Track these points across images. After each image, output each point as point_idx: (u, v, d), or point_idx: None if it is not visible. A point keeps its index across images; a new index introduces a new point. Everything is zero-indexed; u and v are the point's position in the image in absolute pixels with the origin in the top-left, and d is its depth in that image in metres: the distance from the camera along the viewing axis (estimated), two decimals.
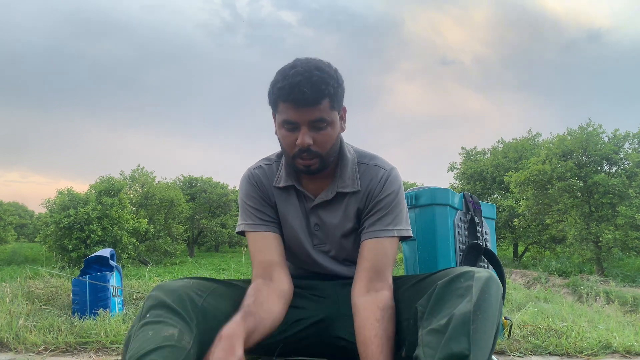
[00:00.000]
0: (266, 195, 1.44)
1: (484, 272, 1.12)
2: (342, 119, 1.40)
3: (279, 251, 1.40)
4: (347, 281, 1.41)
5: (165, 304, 1.10)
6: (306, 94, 1.24)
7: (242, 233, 1.45)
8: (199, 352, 1.07)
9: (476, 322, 1.01)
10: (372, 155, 1.48)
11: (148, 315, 1.08)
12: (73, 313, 2.15)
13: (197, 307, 1.14)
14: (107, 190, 24.18)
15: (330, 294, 1.44)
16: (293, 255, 1.47)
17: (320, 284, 1.46)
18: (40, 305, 2.27)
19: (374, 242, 1.36)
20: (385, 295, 1.28)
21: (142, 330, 1.04)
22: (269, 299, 1.27)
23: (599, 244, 18.08)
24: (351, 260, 1.46)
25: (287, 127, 1.30)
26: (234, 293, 1.29)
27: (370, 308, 1.24)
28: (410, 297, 1.25)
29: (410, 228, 1.45)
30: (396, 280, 1.38)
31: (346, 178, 1.42)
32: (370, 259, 1.34)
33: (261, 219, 1.41)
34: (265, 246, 1.39)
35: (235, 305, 1.22)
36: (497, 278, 1.13)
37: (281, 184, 1.44)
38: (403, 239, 1.45)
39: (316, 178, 1.43)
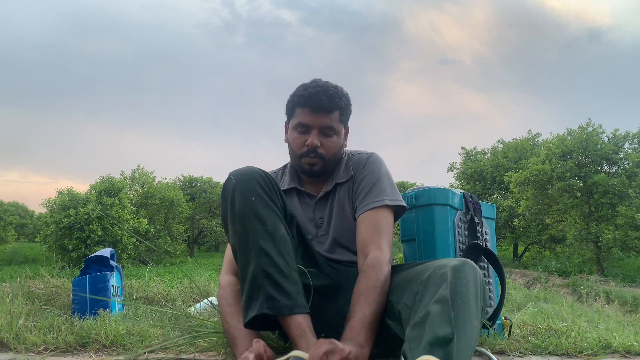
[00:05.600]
0: None
1: (458, 260, 1.15)
2: (345, 137, 1.61)
3: None
4: (346, 264, 1.51)
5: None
6: (323, 102, 1.47)
7: None
8: None
9: (456, 307, 1.03)
10: (359, 150, 1.66)
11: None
12: (73, 313, 2.15)
13: None
14: (107, 190, 24.18)
15: (331, 274, 1.49)
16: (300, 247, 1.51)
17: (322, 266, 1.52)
18: (40, 305, 2.27)
19: (365, 216, 1.47)
20: (372, 255, 1.35)
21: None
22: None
23: (599, 244, 18.09)
24: (349, 247, 1.56)
25: (300, 129, 1.51)
26: None
27: (359, 275, 1.33)
28: (399, 283, 1.30)
29: (401, 199, 1.53)
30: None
31: (341, 172, 1.59)
32: (363, 232, 1.44)
33: None
34: None
35: None
36: (473, 264, 1.15)
37: (285, 187, 1.60)
38: (398, 213, 1.53)
39: (316, 180, 1.60)
